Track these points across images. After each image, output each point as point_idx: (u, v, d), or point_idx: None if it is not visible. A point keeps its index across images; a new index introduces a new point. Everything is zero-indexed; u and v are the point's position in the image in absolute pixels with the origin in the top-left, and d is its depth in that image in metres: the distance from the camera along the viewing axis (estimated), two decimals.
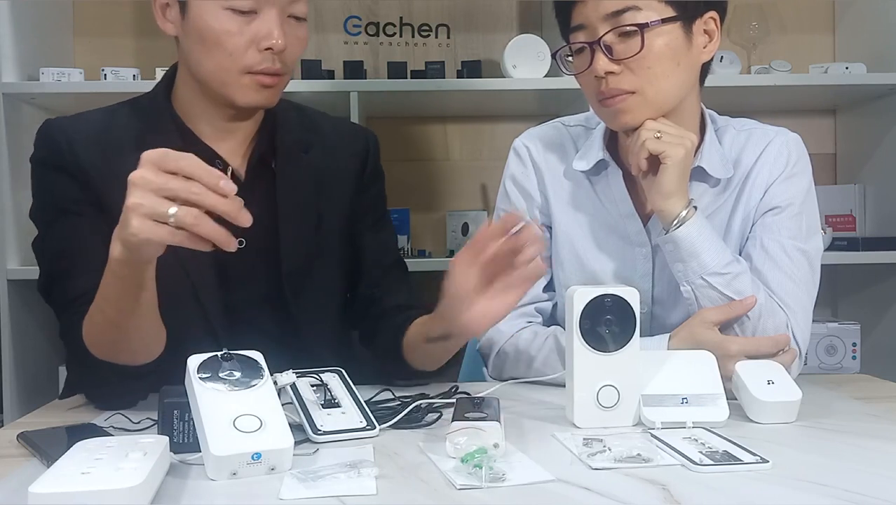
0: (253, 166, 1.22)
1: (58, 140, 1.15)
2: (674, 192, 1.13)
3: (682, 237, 1.12)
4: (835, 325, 2.21)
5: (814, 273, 1.20)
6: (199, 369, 0.83)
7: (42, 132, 1.18)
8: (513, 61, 2.12)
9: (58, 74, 2.07)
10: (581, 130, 1.32)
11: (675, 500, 0.70)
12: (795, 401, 0.98)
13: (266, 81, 1.14)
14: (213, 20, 1.11)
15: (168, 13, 1.17)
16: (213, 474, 0.77)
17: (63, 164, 1.14)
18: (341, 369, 1.04)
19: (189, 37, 1.14)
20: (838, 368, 2.17)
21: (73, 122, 1.19)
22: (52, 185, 1.15)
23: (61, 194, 1.14)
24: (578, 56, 1.18)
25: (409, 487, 0.75)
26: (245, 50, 1.11)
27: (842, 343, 2.19)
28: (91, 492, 0.66)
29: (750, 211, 1.21)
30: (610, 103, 1.15)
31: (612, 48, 1.12)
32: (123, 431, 0.95)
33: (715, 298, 1.12)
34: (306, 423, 0.91)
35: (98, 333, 1.02)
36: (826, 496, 0.71)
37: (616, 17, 1.12)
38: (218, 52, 1.11)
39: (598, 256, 1.25)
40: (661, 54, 1.12)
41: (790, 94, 2.22)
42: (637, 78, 1.13)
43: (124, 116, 1.20)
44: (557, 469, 0.78)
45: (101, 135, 1.17)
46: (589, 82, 1.17)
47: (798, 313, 1.17)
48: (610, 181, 1.26)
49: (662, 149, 1.12)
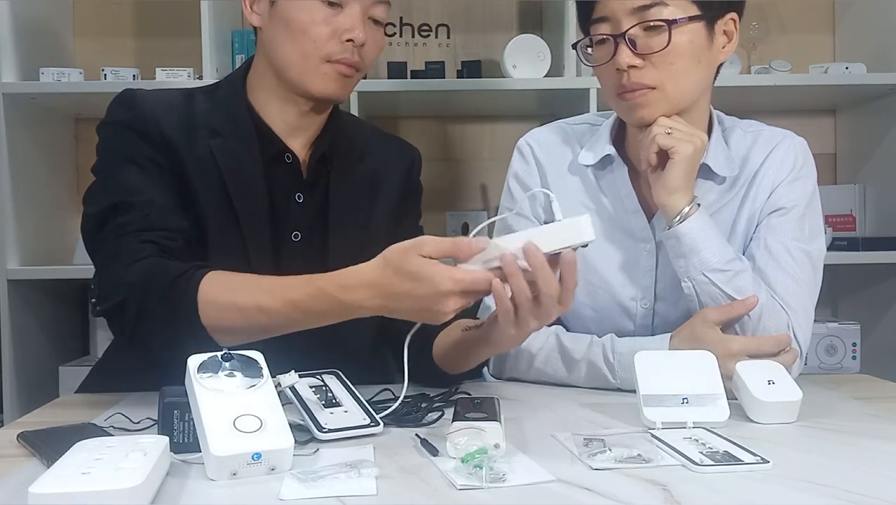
0: (312, 166, 1.25)
1: (141, 107, 1.18)
2: (679, 187, 1.13)
3: (684, 232, 1.13)
4: (835, 325, 2.21)
5: (816, 274, 1.21)
6: (199, 369, 0.83)
7: (125, 99, 1.20)
8: (513, 61, 2.12)
9: (58, 74, 2.07)
10: (586, 128, 1.33)
11: (676, 500, 0.70)
12: (796, 401, 0.98)
13: (344, 70, 1.18)
14: (301, 10, 1.16)
15: (256, 5, 1.22)
16: (214, 474, 0.77)
17: (145, 129, 1.16)
18: (338, 371, 1.04)
19: (275, 26, 1.19)
20: (838, 368, 2.17)
21: (155, 95, 1.22)
22: (129, 143, 1.16)
23: (137, 151, 1.15)
24: (599, 48, 1.19)
25: (409, 487, 0.75)
26: (328, 40, 1.16)
27: (842, 343, 2.19)
28: (91, 492, 0.66)
29: (755, 211, 1.22)
30: (630, 97, 1.16)
31: (635, 42, 1.13)
32: (123, 431, 0.95)
33: (716, 294, 1.12)
34: (310, 422, 0.91)
35: (242, 325, 1.01)
36: (826, 496, 0.71)
37: (642, 11, 1.13)
38: (303, 40, 1.16)
39: (602, 251, 1.26)
40: (685, 51, 1.14)
41: (790, 94, 2.21)
42: (659, 73, 1.14)
43: (202, 102, 1.23)
44: (558, 469, 0.78)
45: (180, 112, 1.20)
46: (609, 75, 1.18)
47: (799, 314, 1.17)
48: (615, 176, 1.26)
49: (672, 144, 1.13)
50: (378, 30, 1.23)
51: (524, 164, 1.33)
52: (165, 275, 1.03)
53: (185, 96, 1.24)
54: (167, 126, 1.17)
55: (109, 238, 1.10)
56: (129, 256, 1.06)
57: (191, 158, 1.16)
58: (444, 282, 0.86)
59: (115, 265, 1.08)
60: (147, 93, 1.22)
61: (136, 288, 1.03)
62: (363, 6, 1.18)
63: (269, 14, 1.20)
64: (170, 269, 1.04)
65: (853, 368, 2.17)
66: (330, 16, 1.16)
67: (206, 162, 1.17)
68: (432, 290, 0.87)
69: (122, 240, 1.09)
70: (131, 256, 1.06)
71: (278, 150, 1.22)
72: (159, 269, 1.05)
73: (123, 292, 1.04)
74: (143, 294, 1.03)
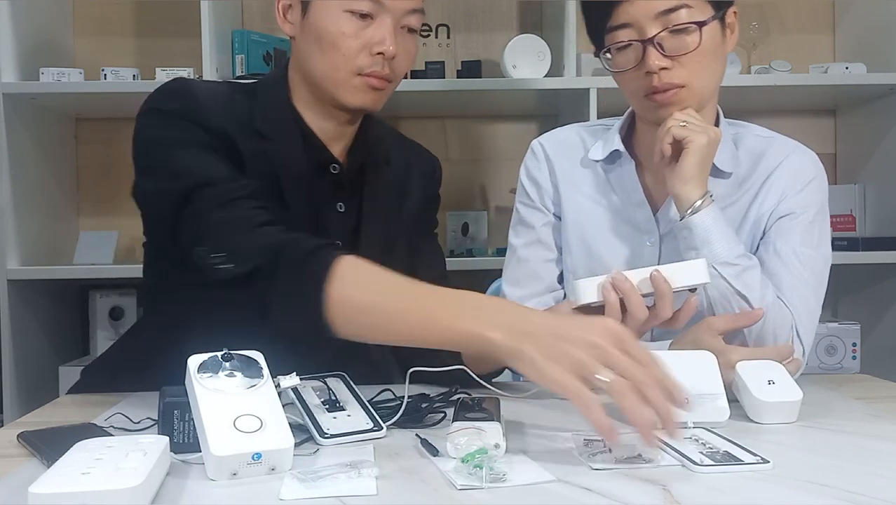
0: (352, 175, 1.26)
1: (199, 98, 1.15)
2: (693, 177, 1.15)
3: (696, 224, 1.14)
4: (835, 325, 2.21)
5: (822, 279, 1.23)
6: (199, 369, 0.83)
7: (179, 88, 1.17)
8: (513, 61, 2.12)
9: (58, 74, 2.07)
10: (601, 128, 1.37)
11: (676, 500, 0.70)
12: (796, 401, 0.98)
13: (375, 84, 1.17)
14: (331, 21, 1.15)
15: (289, 14, 1.21)
16: (214, 475, 0.77)
17: (199, 118, 1.13)
18: (344, 374, 1.04)
19: (307, 37, 1.18)
20: (838, 368, 2.17)
21: (206, 87, 1.20)
22: (189, 131, 1.13)
23: (199, 139, 1.12)
24: (621, 53, 1.20)
25: (409, 487, 0.75)
26: (357, 53, 1.16)
27: (842, 343, 2.19)
28: (91, 492, 0.66)
29: (763, 214, 1.24)
30: (662, 98, 1.18)
31: (662, 44, 1.16)
32: (123, 431, 0.95)
33: (723, 288, 1.13)
34: (312, 427, 0.91)
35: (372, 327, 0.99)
36: (826, 496, 0.71)
37: (667, 14, 1.15)
38: (333, 53, 1.16)
39: (606, 242, 1.29)
40: (708, 49, 1.17)
41: (790, 94, 2.22)
42: (687, 72, 1.17)
43: (242, 101, 1.20)
44: (558, 469, 0.78)
45: (232, 108, 1.18)
46: (635, 78, 1.19)
47: (804, 315, 1.18)
48: (623, 171, 1.30)
49: (686, 134, 1.15)
50: (411, 38, 1.21)
51: (534, 161, 1.37)
52: (302, 243, 1.01)
53: (228, 91, 1.22)
54: (224, 120, 1.14)
55: (207, 209, 1.06)
56: (249, 221, 1.04)
57: (248, 156, 1.14)
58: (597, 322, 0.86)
59: (234, 232, 1.04)
60: (199, 84, 1.20)
61: (271, 252, 1.00)
62: (395, 17, 1.17)
63: (302, 25, 1.19)
64: (300, 239, 1.02)
65: (853, 368, 2.17)
66: (361, 28, 1.15)
67: (260, 163, 1.15)
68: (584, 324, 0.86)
69: (227, 209, 1.05)
70: (251, 221, 1.04)
71: (325, 160, 1.22)
72: (291, 236, 1.03)
73: (260, 255, 1.01)
74: (277, 258, 1.00)
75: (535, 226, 1.34)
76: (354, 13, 1.15)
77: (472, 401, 0.96)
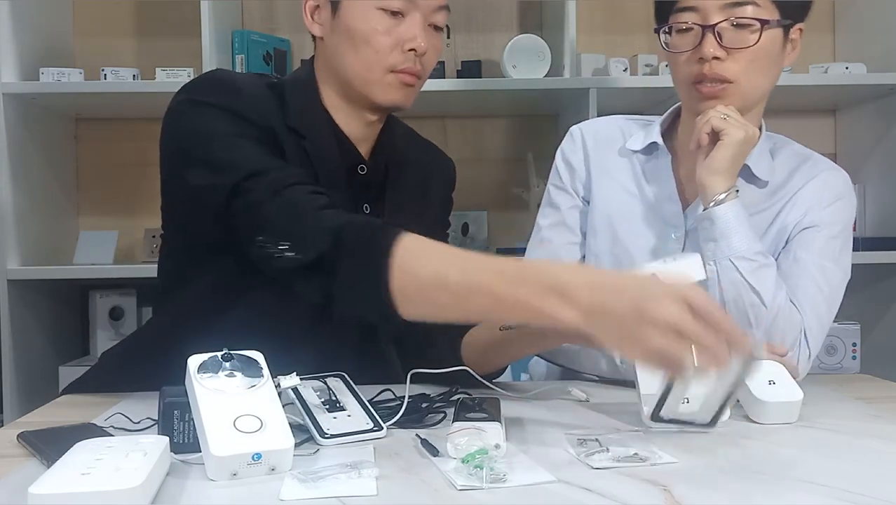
0: (378, 176, 1.26)
1: (241, 90, 1.14)
2: (722, 169, 1.16)
3: (718, 216, 1.15)
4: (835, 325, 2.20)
5: (837, 292, 1.23)
6: (199, 369, 0.83)
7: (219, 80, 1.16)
8: (513, 61, 2.12)
9: (58, 74, 2.07)
10: (643, 122, 1.38)
11: (676, 500, 0.70)
12: (797, 401, 0.98)
13: (407, 80, 1.19)
14: (363, 19, 1.16)
15: (317, 15, 1.21)
16: (214, 475, 0.77)
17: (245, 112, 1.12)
18: (344, 374, 1.04)
19: (337, 36, 1.18)
20: (838, 368, 2.17)
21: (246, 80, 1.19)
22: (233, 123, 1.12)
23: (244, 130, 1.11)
24: (680, 35, 1.21)
25: (409, 487, 0.75)
26: (390, 50, 1.16)
27: (842, 343, 2.19)
28: (91, 493, 0.66)
29: (787, 225, 1.24)
30: (708, 90, 1.18)
31: (722, 35, 1.16)
32: (123, 431, 0.95)
33: (737, 281, 1.14)
34: (312, 428, 0.91)
35: None
36: (826, 496, 0.71)
37: (733, 7, 1.16)
38: (366, 50, 1.16)
39: (633, 231, 1.29)
40: (766, 51, 1.17)
41: (790, 94, 2.21)
42: (739, 68, 1.17)
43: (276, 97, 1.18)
44: (558, 470, 0.78)
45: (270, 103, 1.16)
46: (688, 63, 1.20)
47: (814, 322, 1.19)
48: (659, 163, 1.31)
49: (724, 127, 1.16)
50: (438, 35, 1.23)
51: (571, 144, 1.38)
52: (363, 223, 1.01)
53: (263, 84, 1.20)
54: (268, 114, 1.14)
55: (263, 198, 1.04)
56: (308, 205, 1.03)
57: (289, 153, 1.14)
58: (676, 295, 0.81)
59: (295, 218, 1.02)
60: (239, 76, 1.20)
61: (334, 234, 0.98)
62: (424, 14, 1.18)
63: (332, 25, 1.19)
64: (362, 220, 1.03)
65: (853, 368, 2.17)
66: (392, 26, 1.16)
67: (299, 161, 1.14)
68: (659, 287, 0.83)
69: (283, 195, 1.03)
70: (311, 205, 1.03)
71: (355, 161, 1.23)
72: (352, 217, 1.02)
73: (324, 239, 0.99)
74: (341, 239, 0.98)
75: (562, 208, 1.34)
76: (386, 10, 1.16)
77: (473, 401, 0.96)
